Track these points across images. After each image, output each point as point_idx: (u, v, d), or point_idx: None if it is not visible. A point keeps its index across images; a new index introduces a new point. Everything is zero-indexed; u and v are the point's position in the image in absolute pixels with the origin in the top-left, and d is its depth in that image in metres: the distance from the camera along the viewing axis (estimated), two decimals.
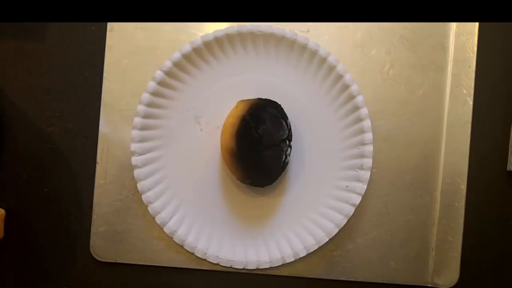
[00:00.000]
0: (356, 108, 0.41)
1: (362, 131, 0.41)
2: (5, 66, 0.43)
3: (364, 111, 0.40)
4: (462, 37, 0.43)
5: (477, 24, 0.43)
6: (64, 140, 0.43)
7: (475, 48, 0.43)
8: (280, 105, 0.39)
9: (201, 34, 0.42)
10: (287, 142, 0.38)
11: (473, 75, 0.43)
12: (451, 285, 0.42)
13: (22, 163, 0.43)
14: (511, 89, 0.43)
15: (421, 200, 0.42)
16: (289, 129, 0.38)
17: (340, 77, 0.41)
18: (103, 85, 0.42)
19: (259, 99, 0.39)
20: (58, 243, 0.42)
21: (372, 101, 0.42)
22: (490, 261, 0.43)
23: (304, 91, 0.42)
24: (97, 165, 0.42)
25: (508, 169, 0.43)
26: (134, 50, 0.42)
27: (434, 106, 0.43)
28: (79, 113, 0.43)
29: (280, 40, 0.41)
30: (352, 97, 0.41)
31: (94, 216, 0.42)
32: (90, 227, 0.42)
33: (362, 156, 0.41)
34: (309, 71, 0.42)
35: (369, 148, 0.40)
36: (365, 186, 0.40)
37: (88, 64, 0.43)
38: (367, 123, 0.40)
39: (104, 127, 0.42)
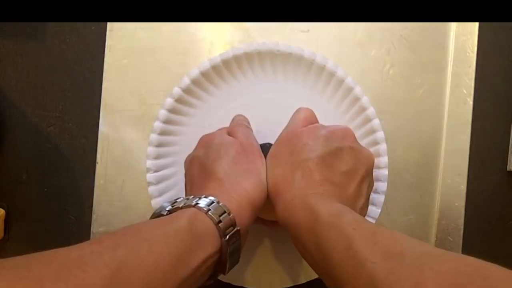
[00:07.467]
0: (373, 131, 0.39)
1: (378, 155, 0.39)
2: (5, 66, 0.43)
3: (380, 134, 0.39)
4: (462, 37, 0.43)
5: (477, 24, 0.43)
6: (64, 140, 0.43)
7: (475, 48, 0.43)
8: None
9: (201, 34, 0.42)
10: None
11: (473, 75, 0.43)
12: None
13: (22, 163, 0.43)
14: (511, 89, 0.43)
15: (421, 200, 0.42)
16: None
17: (357, 99, 0.40)
18: (103, 85, 0.42)
19: None
20: (58, 243, 0.42)
21: (372, 101, 0.41)
22: (490, 261, 0.43)
23: (321, 113, 0.41)
24: (97, 165, 0.42)
25: (508, 169, 0.43)
26: (134, 50, 0.42)
27: (434, 106, 0.43)
28: (79, 113, 0.43)
29: (299, 60, 0.40)
30: (368, 120, 0.39)
31: (94, 216, 0.42)
32: (90, 227, 0.42)
33: (377, 179, 0.39)
34: (326, 92, 0.41)
35: (384, 172, 0.39)
36: (379, 210, 0.38)
37: (88, 64, 0.43)
38: (383, 147, 0.39)
39: (104, 127, 0.42)
